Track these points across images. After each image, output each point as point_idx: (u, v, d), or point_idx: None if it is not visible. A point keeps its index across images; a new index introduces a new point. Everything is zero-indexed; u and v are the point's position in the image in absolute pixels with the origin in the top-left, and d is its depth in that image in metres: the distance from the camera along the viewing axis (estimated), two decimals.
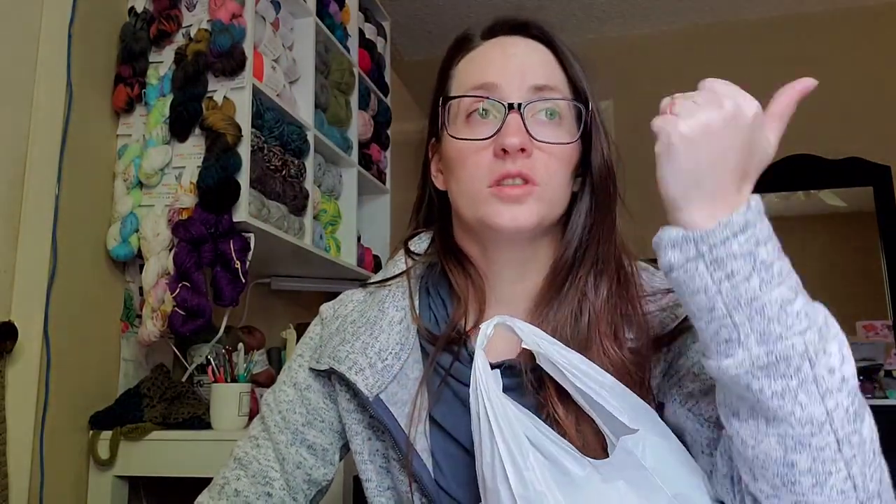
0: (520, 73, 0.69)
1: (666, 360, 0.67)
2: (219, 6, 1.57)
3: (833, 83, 3.17)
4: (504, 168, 0.66)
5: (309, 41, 1.97)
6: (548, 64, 0.72)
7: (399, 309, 0.74)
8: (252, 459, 0.77)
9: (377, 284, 0.79)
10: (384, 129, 2.53)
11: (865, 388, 2.69)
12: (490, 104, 0.69)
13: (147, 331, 1.50)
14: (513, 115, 0.67)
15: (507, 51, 0.72)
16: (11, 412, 1.26)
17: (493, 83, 0.69)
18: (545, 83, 0.69)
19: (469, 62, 0.73)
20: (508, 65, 0.70)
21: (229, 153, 1.51)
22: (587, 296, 0.68)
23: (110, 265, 1.58)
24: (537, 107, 0.68)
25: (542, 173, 0.67)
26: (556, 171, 0.68)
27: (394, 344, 0.71)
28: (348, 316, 0.77)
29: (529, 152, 0.66)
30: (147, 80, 1.62)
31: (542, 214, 0.68)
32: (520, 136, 0.66)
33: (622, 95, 3.44)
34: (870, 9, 3.19)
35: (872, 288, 3.03)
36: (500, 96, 0.68)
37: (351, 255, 2.15)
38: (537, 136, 0.67)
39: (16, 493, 1.26)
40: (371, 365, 0.70)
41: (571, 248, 0.71)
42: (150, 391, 1.51)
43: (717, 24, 3.36)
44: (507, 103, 0.67)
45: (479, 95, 0.69)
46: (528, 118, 0.67)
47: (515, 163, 0.66)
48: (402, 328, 0.73)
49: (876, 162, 3.06)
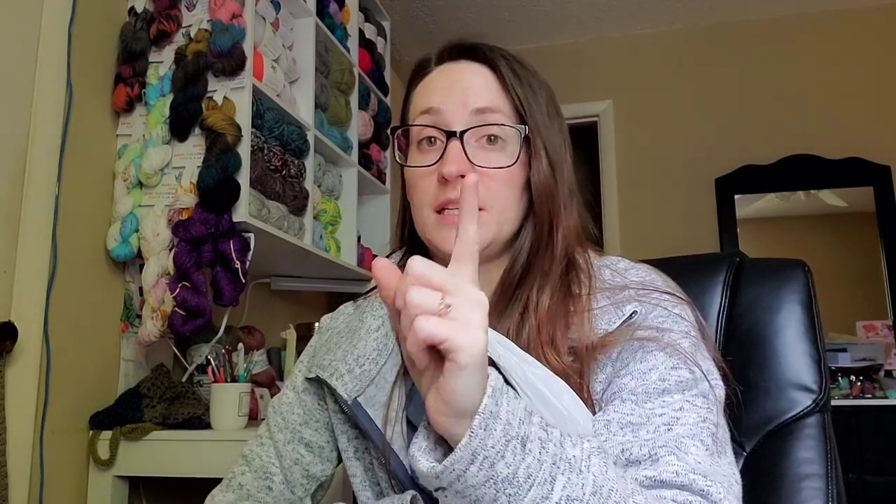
0: (462, 98, 0.71)
1: (613, 367, 0.66)
2: (219, 6, 1.57)
3: (833, 83, 3.17)
4: (445, 195, 0.69)
5: (309, 41, 1.97)
6: (491, 87, 0.73)
7: (376, 318, 0.78)
8: (255, 456, 0.82)
9: (362, 297, 0.84)
10: (384, 129, 2.53)
11: (865, 389, 2.70)
12: (434, 131, 0.71)
13: (147, 331, 1.50)
14: (453, 142, 0.69)
15: (452, 76, 0.74)
16: (11, 412, 1.27)
17: (436, 108, 0.71)
18: (486, 105, 0.71)
19: (421, 88, 0.76)
20: (452, 90, 0.72)
21: (229, 153, 1.51)
22: (528, 308, 0.70)
23: (110, 265, 1.58)
24: (479, 132, 0.70)
25: (484, 198, 0.69)
26: (498, 194, 0.70)
27: (371, 350, 0.75)
28: (336, 328, 0.82)
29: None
30: (147, 80, 1.62)
31: (489, 238, 0.70)
32: (458, 163, 0.68)
33: (622, 95, 3.44)
34: (870, 9, 3.19)
35: (872, 288, 3.03)
36: (444, 121, 0.71)
37: (351, 255, 2.15)
38: (477, 161, 0.69)
39: (16, 492, 1.26)
40: (349, 371, 0.74)
41: (518, 266, 0.73)
42: (150, 391, 1.51)
43: (717, 24, 3.36)
44: (448, 131, 0.70)
45: (422, 124, 0.72)
46: (471, 143, 0.70)
47: (456, 189, 0.67)
48: (381, 335, 0.76)
49: (876, 162, 3.05)
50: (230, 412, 1.47)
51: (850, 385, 2.71)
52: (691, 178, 3.26)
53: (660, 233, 3.20)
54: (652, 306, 0.69)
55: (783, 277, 0.93)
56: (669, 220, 3.23)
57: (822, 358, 0.88)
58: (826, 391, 0.85)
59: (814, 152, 3.11)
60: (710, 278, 0.96)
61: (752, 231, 3.24)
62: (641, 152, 3.35)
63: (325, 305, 2.65)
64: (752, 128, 3.22)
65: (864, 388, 2.69)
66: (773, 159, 3.15)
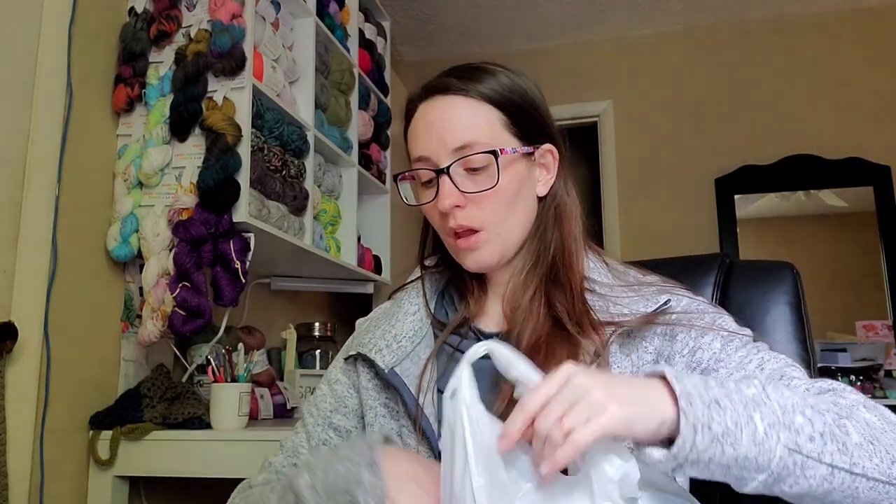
0: (440, 140, 0.80)
1: (662, 345, 0.78)
2: (219, 6, 1.57)
3: (833, 83, 3.17)
4: (448, 225, 0.81)
5: (309, 41, 1.97)
6: (464, 119, 0.81)
7: (413, 304, 0.90)
8: (289, 441, 0.92)
9: (399, 290, 0.96)
10: (384, 129, 2.54)
11: (865, 389, 2.70)
12: (427, 174, 0.82)
13: (147, 331, 1.50)
14: (443, 178, 0.80)
15: (427, 118, 0.83)
16: (11, 412, 1.27)
17: (424, 156, 0.82)
18: (462, 143, 0.79)
19: (411, 133, 0.86)
20: (431, 135, 0.81)
21: (229, 153, 1.51)
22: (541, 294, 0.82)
23: (110, 265, 1.58)
24: (461, 164, 0.80)
25: (480, 219, 0.80)
26: (493, 212, 0.81)
27: (408, 330, 0.86)
28: (374, 317, 0.94)
29: (464, 205, 0.80)
30: (147, 81, 1.62)
31: (499, 251, 0.82)
32: (450, 197, 0.79)
33: (622, 95, 3.44)
34: (870, 9, 3.19)
35: (872, 288, 3.03)
36: (432, 163, 0.81)
37: (351, 255, 2.15)
38: (466, 189, 0.80)
39: (16, 493, 1.26)
40: (388, 346, 0.84)
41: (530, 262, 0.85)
42: (150, 391, 1.51)
43: (717, 24, 3.36)
44: (437, 170, 0.80)
45: (418, 168, 0.83)
46: (457, 175, 0.80)
47: (456, 218, 0.80)
48: (417, 319, 0.88)
49: (876, 162, 3.05)
50: (230, 412, 1.47)
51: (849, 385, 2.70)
52: (691, 178, 3.26)
53: (660, 233, 3.20)
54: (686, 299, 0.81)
55: (772, 279, 0.94)
56: (669, 220, 3.23)
57: (811, 358, 0.90)
58: None
59: (814, 152, 3.11)
60: (700, 279, 0.96)
61: (752, 231, 3.24)
62: (641, 152, 3.35)
63: (325, 305, 2.65)
64: (752, 128, 3.22)
65: (864, 389, 2.69)
66: (773, 159, 3.15)
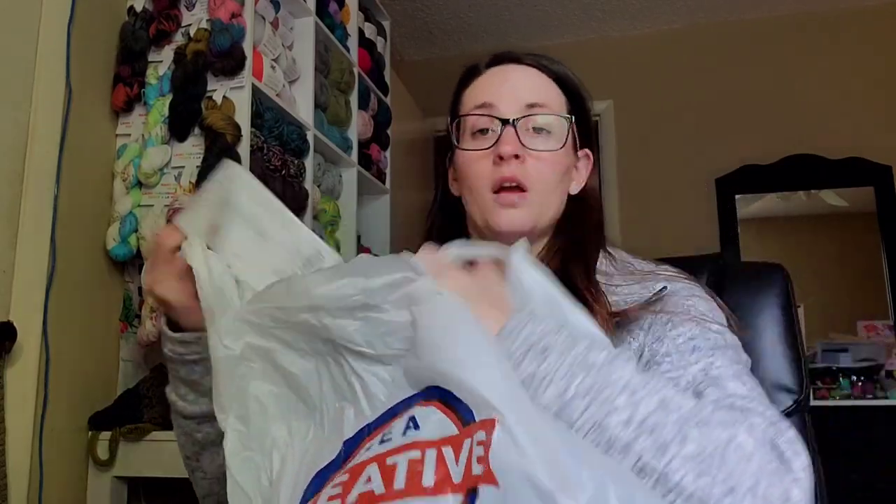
0: (514, 93, 0.82)
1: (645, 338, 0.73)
2: (218, 6, 1.57)
3: (833, 83, 3.17)
4: (500, 173, 0.79)
5: (309, 41, 1.96)
6: (539, 85, 0.83)
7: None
8: None
9: None
10: (384, 128, 2.53)
11: (866, 389, 2.69)
12: (489, 121, 0.81)
13: (146, 331, 1.50)
14: (507, 128, 0.80)
15: (504, 76, 0.84)
16: (11, 412, 1.26)
17: (490, 103, 0.81)
18: (536, 101, 0.81)
19: (474, 87, 0.86)
20: (504, 87, 0.83)
21: (229, 153, 1.51)
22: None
23: (110, 265, 1.58)
24: (528, 122, 0.81)
25: (532, 178, 0.80)
26: (545, 176, 0.80)
27: None
28: None
29: (522, 159, 0.79)
30: (146, 80, 1.61)
31: (535, 218, 0.81)
32: (513, 144, 0.78)
33: (622, 95, 3.44)
34: (870, 9, 3.19)
35: (873, 288, 3.02)
36: (498, 114, 0.81)
37: (351, 255, 2.15)
38: (528, 145, 0.80)
39: (15, 493, 1.26)
40: None
41: (556, 246, 0.84)
42: (149, 391, 1.51)
43: (717, 24, 3.36)
44: (503, 118, 0.80)
45: (480, 113, 0.82)
46: (522, 131, 0.80)
47: (510, 167, 0.79)
48: None
49: (877, 162, 3.05)
50: None
51: (850, 385, 2.70)
52: (691, 177, 3.25)
53: (660, 233, 3.19)
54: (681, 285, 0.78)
55: (763, 281, 0.95)
56: (670, 220, 3.23)
57: (801, 359, 0.91)
58: (806, 390, 0.89)
59: (814, 152, 3.11)
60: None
61: (752, 231, 3.24)
62: (642, 152, 3.35)
63: None
64: (752, 128, 3.22)
65: (864, 389, 2.68)
66: (774, 159, 3.15)
